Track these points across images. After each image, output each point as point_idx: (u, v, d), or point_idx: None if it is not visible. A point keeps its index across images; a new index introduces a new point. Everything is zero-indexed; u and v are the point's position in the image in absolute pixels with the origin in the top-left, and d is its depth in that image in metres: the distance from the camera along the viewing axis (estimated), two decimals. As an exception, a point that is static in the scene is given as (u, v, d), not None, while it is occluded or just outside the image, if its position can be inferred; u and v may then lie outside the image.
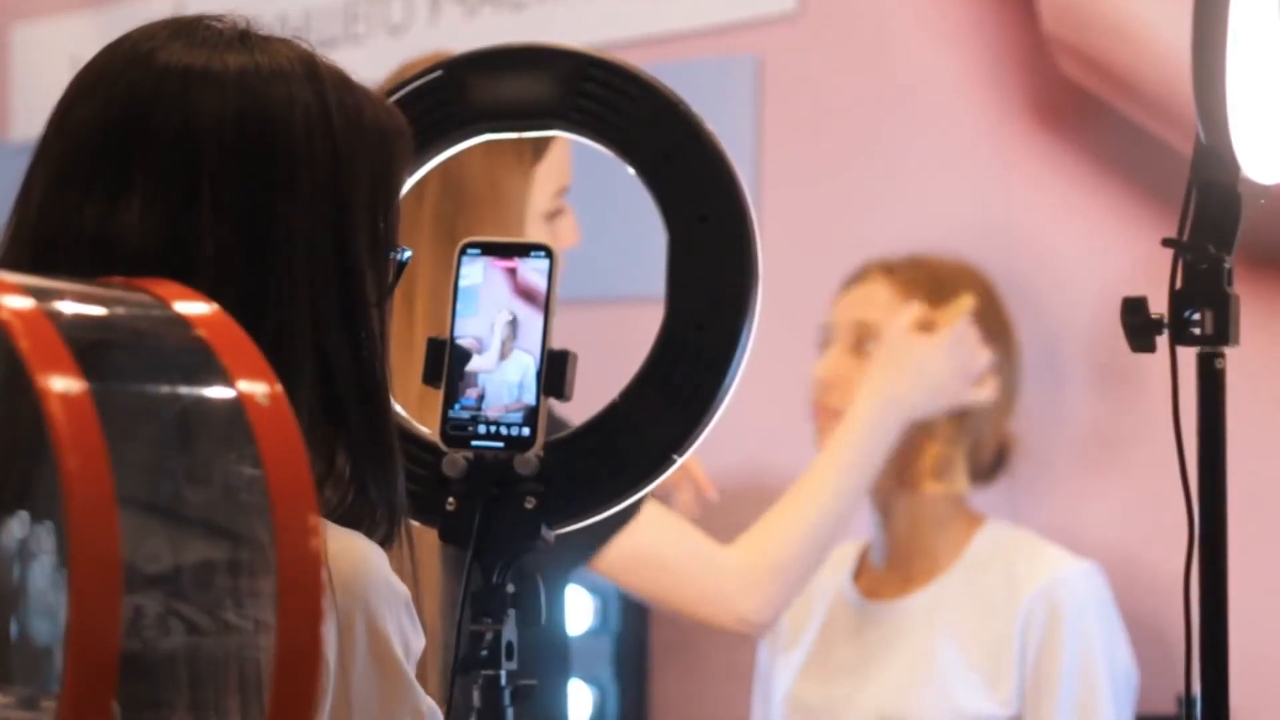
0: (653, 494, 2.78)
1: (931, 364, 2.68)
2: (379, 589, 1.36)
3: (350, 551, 1.36)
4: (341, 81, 1.43)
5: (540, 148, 2.40)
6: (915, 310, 2.71)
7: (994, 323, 2.82)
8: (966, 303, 2.75)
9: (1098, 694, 2.67)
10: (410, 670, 1.39)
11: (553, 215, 2.44)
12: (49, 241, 1.37)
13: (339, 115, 1.41)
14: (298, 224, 1.38)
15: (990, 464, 2.85)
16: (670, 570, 2.48)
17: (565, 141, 2.40)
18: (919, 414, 2.69)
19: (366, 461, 1.41)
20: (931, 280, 2.81)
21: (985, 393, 2.73)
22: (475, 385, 1.65)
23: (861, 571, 2.88)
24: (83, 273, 1.31)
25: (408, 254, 1.46)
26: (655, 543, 2.46)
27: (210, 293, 1.31)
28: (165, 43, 1.40)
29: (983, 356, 2.73)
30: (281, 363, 1.33)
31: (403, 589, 1.39)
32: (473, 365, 1.65)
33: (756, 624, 2.52)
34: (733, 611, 2.51)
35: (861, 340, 2.80)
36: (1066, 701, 2.66)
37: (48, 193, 1.39)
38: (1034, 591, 2.70)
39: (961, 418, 2.78)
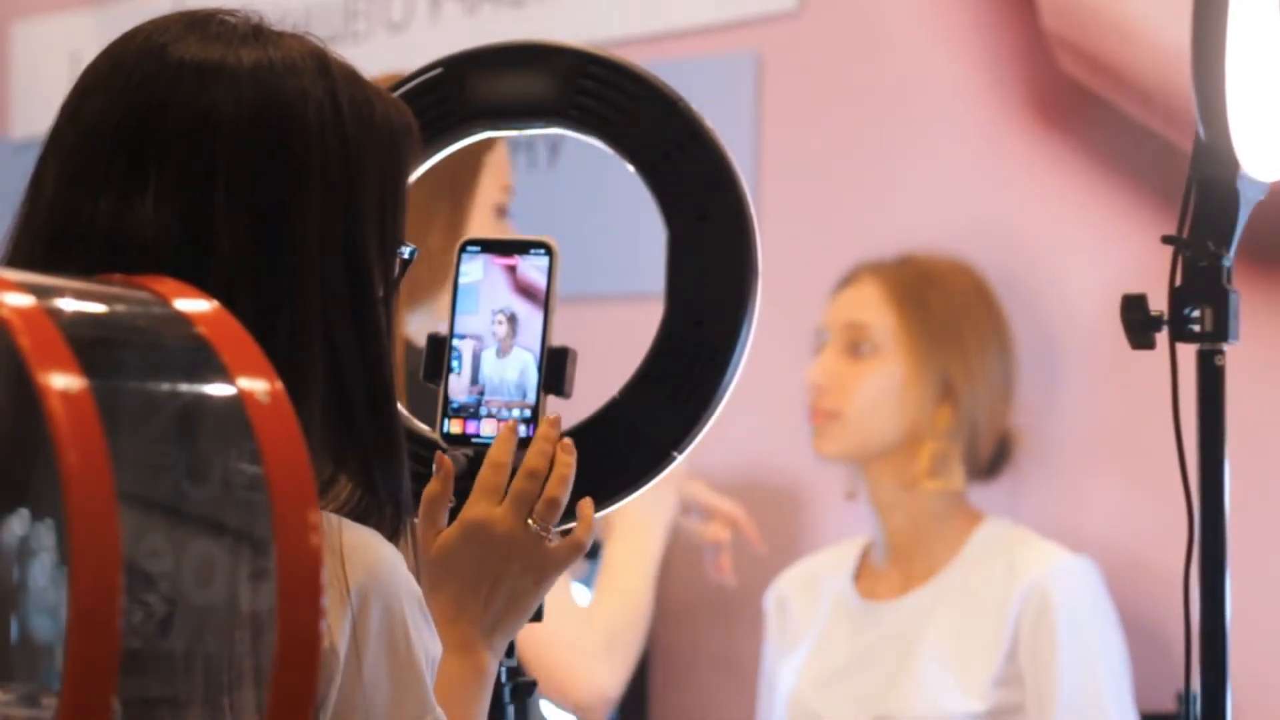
0: (680, 514, 2.83)
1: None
2: (396, 582, 1.36)
3: (367, 546, 1.36)
4: (352, 77, 1.43)
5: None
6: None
7: (986, 318, 2.83)
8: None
9: (1098, 686, 2.67)
10: (426, 672, 1.38)
11: (503, 212, 2.47)
12: (61, 234, 1.37)
13: (350, 110, 1.41)
14: (310, 219, 1.38)
15: (991, 460, 2.85)
16: (551, 649, 2.61)
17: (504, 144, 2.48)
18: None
19: (374, 458, 1.41)
20: (919, 279, 2.82)
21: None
22: (475, 382, 1.65)
23: (863, 571, 2.89)
24: (95, 267, 1.31)
25: (412, 250, 1.46)
26: (557, 626, 2.56)
27: (225, 288, 1.32)
28: (179, 36, 1.40)
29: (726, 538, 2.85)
30: (295, 358, 1.34)
31: (417, 588, 1.38)
32: (472, 362, 1.65)
33: (592, 707, 2.68)
34: (579, 697, 2.66)
35: (854, 342, 2.82)
36: (1067, 694, 2.65)
37: (60, 185, 1.38)
38: (1024, 586, 2.70)
39: (956, 414, 2.79)
